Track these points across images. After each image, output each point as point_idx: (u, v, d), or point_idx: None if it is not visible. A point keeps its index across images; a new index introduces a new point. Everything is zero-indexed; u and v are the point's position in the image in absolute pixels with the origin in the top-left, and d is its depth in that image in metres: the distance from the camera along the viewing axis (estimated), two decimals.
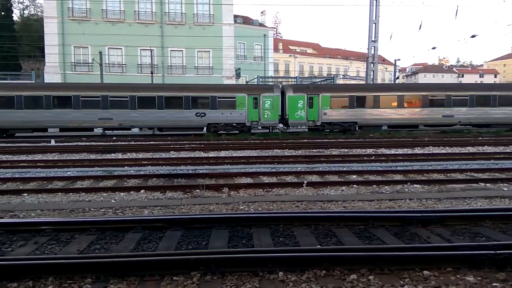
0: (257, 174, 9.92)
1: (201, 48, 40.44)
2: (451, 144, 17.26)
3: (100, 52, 33.25)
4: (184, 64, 40.52)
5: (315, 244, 4.54)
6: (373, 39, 29.20)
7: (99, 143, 19.02)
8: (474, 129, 26.75)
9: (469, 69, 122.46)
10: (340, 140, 20.13)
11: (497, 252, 3.83)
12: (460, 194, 7.43)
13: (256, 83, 34.33)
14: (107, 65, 37.62)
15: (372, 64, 29.75)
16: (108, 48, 38.27)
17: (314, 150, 16.01)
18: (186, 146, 17.44)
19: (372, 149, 15.89)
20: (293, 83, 39.61)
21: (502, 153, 13.98)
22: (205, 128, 25.13)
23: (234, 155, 14.41)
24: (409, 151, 15.34)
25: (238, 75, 42.44)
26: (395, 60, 48.97)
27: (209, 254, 3.84)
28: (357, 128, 25.46)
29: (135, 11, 38.76)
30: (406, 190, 8.07)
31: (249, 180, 9.26)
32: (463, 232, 5.00)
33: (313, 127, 25.38)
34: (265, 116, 24.79)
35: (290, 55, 68.35)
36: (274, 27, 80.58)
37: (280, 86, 27.13)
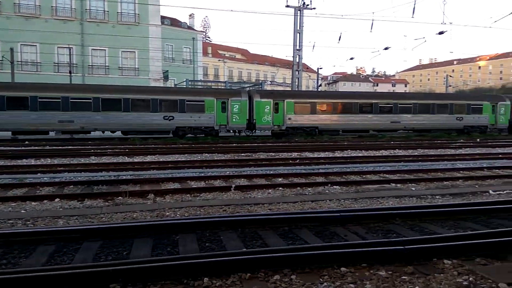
0: (185, 179, 9.75)
1: (126, 48, 38.82)
2: (367, 148, 18.60)
3: (12, 49, 30.27)
4: (106, 64, 38.52)
5: (241, 247, 4.58)
6: (297, 48, 30.44)
7: (8, 148, 17.23)
8: (411, 134, 29.24)
9: (383, 78, 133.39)
10: (268, 144, 20.61)
11: (406, 247, 4.20)
12: (374, 194, 8.03)
13: (224, 88, 33.34)
14: (20, 63, 34.42)
15: (297, 72, 30.99)
16: (21, 45, 35.06)
17: (242, 154, 16.19)
18: (109, 150, 16.54)
19: (297, 153, 16.50)
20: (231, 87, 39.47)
21: (410, 156, 15.40)
22: (171, 132, 24.49)
23: (161, 159, 14.01)
24: (330, 154, 16.21)
25: (166, 78, 41.45)
26: (318, 69, 51.66)
27: (129, 264, 3.67)
28: (317, 132, 26.52)
29: (52, 6, 36.04)
30: (327, 191, 8.51)
31: (176, 186, 9.06)
32: (377, 229, 5.40)
33: (278, 131, 26.05)
34: (234, 120, 24.94)
35: (220, 60, 68.47)
36: (203, 31, 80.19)
37: (247, 91, 27.42)
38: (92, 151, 16.21)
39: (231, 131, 25.85)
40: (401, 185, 9.26)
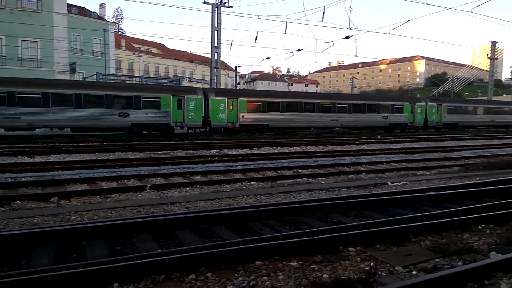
0: (94, 179, 9.13)
1: (26, 37, 35.05)
2: (282, 144, 19.32)
3: None
4: (3, 54, 34.42)
5: (156, 248, 4.43)
6: (215, 45, 30.36)
7: None
8: (347, 131, 31.18)
9: (297, 78, 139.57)
10: (187, 141, 20.27)
11: (315, 237, 4.45)
12: (288, 188, 8.37)
13: (179, 85, 32.10)
14: None
15: (215, 69, 30.90)
16: None
17: (159, 152, 15.69)
18: (6, 150, 14.80)
19: (216, 150, 16.50)
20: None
21: (321, 152, 16.36)
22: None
23: (67, 159, 12.94)
24: (248, 151, 16.50)
25: (73, 70, 38.36)
26: (236, 67, 52.17)
27: (24, 275, 3.32)
28: (266, 129, 27.64)
29: None
30: (244, 187, 8.65)
31: (84, 187, 8.43)
32: (290, 222, 5.64)
33: (232, 128, 26.72)
34: (190, 117, 25.13)
35: (134, 54, 65.39)
36: (115, 22, 75.83)
37: (202, 89, 27.73)
38: None
39: (186, 129, 26.19)
40: (312, 179, 9.79)
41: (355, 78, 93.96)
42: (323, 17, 32.10)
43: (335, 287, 3.43)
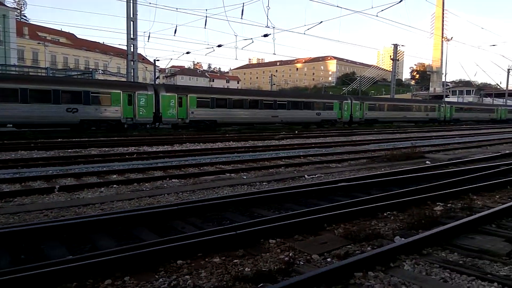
0: None
1: None
2: (204, 141, 19.19)
3: None
4: None
5: (66, 255, 4.10)
6: (132, 36, 28.96)
7: None
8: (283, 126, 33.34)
9: (218, 74, 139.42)
10: (102, 139, 19.07)
11: (237, 232, 4.50)
12: (210, 184, 8.34)
13: (129, 81, 29.81)
14: None
15: (132, 62, 29.48)
16: None
17: (70, 150, 14.55)
18: None
19: (134, 147, 15.80)
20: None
21: (243, 147, 16.58)
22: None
23: None
24: (169, 148, 16.09)
25: None
26: (155, 60, 50.35)
27: None
28: (215, 124, 28.66)
29: None
30: (165, 185, 8.41)
31: None
32: (213, 218, 5.63)
33: (182, 124, 27.33)
34: (140, 113, 25.03)
35: (39, 43, 59.57)
36: (17, 8, 68.23)
37: (153, 85, 28.49)
38: None
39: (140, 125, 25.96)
40: (235, 174, 9.88)
41: (274, 75, 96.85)
42: (242, 14, 32.50)
43: (256, 280, 3.51)
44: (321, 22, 29.79)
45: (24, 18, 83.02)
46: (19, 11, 75.51)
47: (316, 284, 3.33)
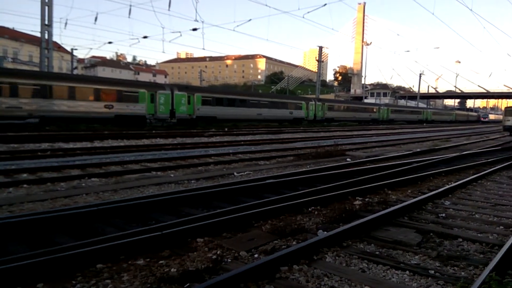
0: None
1: None
2: (128, 137, 18.32)
3: None
4: None
5: None
6: (46, 22, 26.56)
7: None
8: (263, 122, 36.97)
9: (144, 68, 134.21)
10: (9, 134, 17.22)
11: (163, 232, 4.34)
12: (134, 183, 7.95)
13: (151, 82, 32.38)
14: None
15: (46, 50, 27.06)
16: None
17: None
18: None
19: (48, 143, 14.54)
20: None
21: (170, 144, 16.15)
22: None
23: None
24: (88, 144, 15.08)
25: None
26: (72, 49, 46.91)
27: None
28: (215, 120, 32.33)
29: None
30: (84, 185, 7.84)
31: None
32: (137, 219, 5.36)
33: (190, 119, 30.86)
34: (160, 110, 28.70)
35: None
36: None
37: (169, 85, 32.09)
38: None
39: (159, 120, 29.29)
40: (162, 172, 9.56)
41: (204, 71, 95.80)
42: (169, 6, 31.52)
43: (182, 280, 3.42)
44: (250, 20, 30.28)
45: None
46: None
47: (243, 281, 3.35)
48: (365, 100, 74.19)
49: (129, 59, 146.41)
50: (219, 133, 23.53)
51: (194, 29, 29.47)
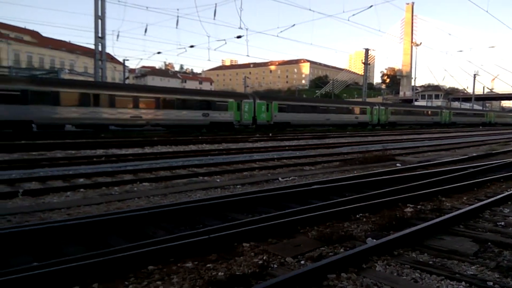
0: None
1: None
2: (176, 143, 18.91)
3: None
4: None
5: (31, 262, 3.89)
6: (100, 35, 28.19)
7: None
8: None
9: (191, 76, 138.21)
10: (67, 141, 18.41)
11: (210, 236, 4.42)
12: (183, 188, 8.17)
13: (237, 91, 36.46)
14: None
15: (100, 61, 28.69)
16: None
17: (34, 152, 13.97)
18: None
19: (102, 150, 15.35)
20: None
21: (216, 150, 16.47)
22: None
23: None
24: (139, 150, 15.74)
25: None
26: (124, 60, 49.35)
27: None
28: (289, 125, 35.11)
29: None
30: (135, 189, 8.19)
31: None
32: (186, 223, 5.50)
33: (268, 125, 33.66)
34: (245, 117, 31.88)
35: (1, 41, 57.06)
36: None
37: (251, 94, 35.71)
38: None
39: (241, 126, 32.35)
40: (208, 177, 9.76)
41: (248, 77, 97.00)
42: (214, 15, 32.42)
43: (230, 284, 3.45)
44: (294, 25, 30.24)
45: None
46: None
47: (290, 287, 3.31)
48: (416, 103, 71.32)
49: (177, 68, 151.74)
50: (263, 138, 23.63)
51: (239, 37, 30.17)
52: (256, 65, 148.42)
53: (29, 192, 7.45)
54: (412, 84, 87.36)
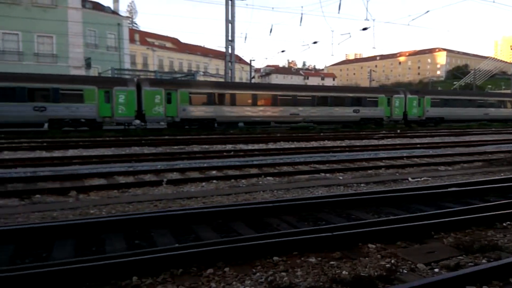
0: (111, 174, 9.21)
1: (42, 32, 35.52)
2: (298, 139, 19.17)
3: None
4: (20, 50, 35.02)
5: (173, 243, 4.42)
6: (229, 38, 30.23)
7: None
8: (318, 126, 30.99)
9: (313, 72, 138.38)
10: (202, 136, 20.34)
11: (334, 233, 4.36)
12: (305, 184, 8.27)
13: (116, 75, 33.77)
14: None
15: (230, 63, 30.81)
16: None
17: (175, 147, 15.78)
18: (24, 144, 15.12)
19: (231, 145, 16.49)
20: (151, 77, 38.76)
21: (338, 146, 16.17)
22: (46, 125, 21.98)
23: (84, 154, 13.11)
24: (264, 146, 16.44)
25: (88, 65, 38.76)
26: (251, 61, 52.07)
27: (45, 267, 3.36)
28: (216, 124, 25.91)
29: None
30: (260, 183, 8.60)
31: (102, 181, 8.52)
32: (308, 218, 5.56)
33: (171, 122, 24.88)
34: (119, 111, 23.12)
35: (148, 48, 65.87)
36: (129, 17, 76.54)
37: (136, 79, 25.95)
38: (6, 145, 14.69)
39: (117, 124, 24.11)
40: (330, 174, 9.66)
41: (373, 71, 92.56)
42: (339, 9, 31.94)
43: (354, 284, 3.36)
44: (428, 11, 27.67)
45: (135, 25, 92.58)
46: (131, 19, 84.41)
47: None
48: None
49: (299, 65, 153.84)
50: (390, 135, 22.30)
51: (364, 29, 28.71)
52: (383, 57, 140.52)
53: (171, 182, 8.44)
54: None
